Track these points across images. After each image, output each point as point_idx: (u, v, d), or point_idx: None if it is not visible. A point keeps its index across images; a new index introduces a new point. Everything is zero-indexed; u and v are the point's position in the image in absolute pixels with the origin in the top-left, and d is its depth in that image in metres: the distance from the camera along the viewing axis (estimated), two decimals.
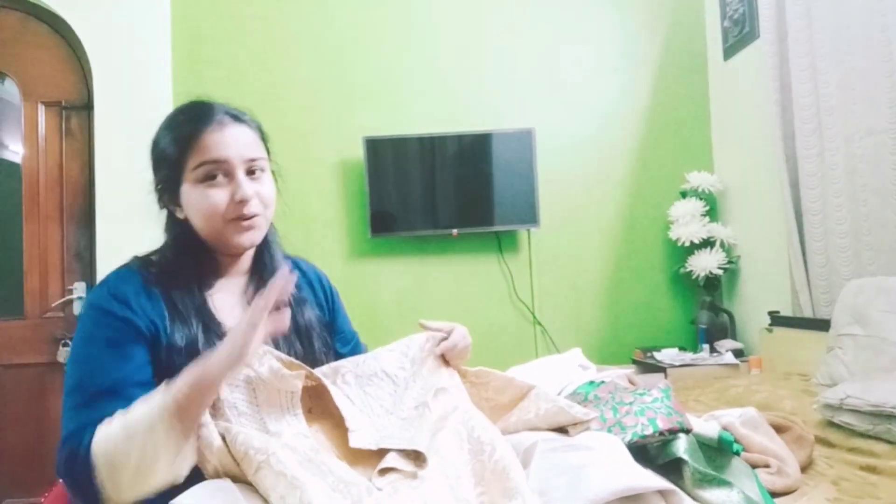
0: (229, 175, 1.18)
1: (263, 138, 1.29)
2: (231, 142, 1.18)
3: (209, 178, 1.17)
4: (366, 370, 1.24)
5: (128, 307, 1.12)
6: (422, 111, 3.67)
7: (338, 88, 3.65)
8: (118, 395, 1.03)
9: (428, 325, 1.35)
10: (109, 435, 0.97)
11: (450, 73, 3.72)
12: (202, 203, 1.17)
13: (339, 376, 1.21)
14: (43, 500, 1.34)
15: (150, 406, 0.97)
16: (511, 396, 1.33)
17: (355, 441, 1.07)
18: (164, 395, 0.97)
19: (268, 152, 1.29)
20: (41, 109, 3.34)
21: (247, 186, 1.18)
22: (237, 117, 1.23)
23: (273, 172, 1.32)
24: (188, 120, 1.20)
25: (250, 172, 1.21)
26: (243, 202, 1.17)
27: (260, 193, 1.21)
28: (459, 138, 3.58)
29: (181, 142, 1.18)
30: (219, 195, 1.17)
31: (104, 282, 1.19)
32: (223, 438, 1.00)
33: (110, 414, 0.99)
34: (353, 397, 1.18)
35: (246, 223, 1.19)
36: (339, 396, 1.16)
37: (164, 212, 1.26)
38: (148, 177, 1.26)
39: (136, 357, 1.10)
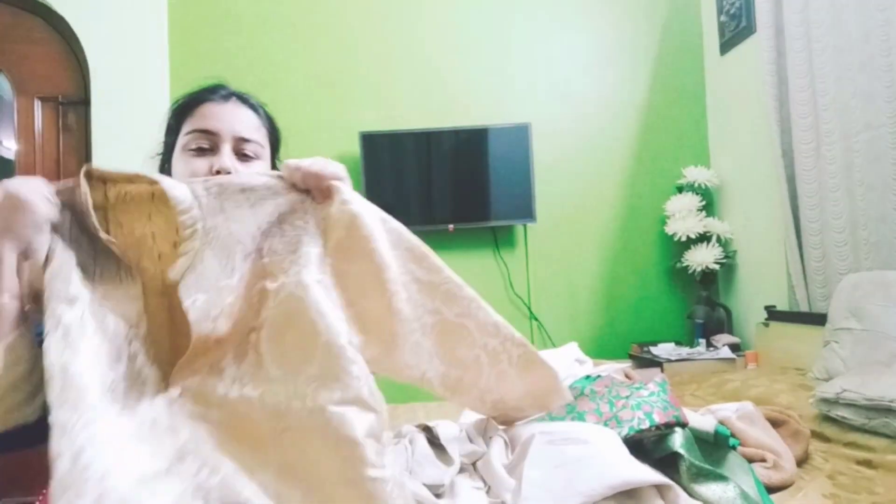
0: (216, 148, 1.17)
1: (275, 134, 1.29)
2: (227, 117, 1.18)
3: (197, 148, 1.16)
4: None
5: None
6: (418, 106, 3.67)
7: (334, 83, 3.64)
8: None
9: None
10: None
11: (446, 67, 3.71)
12: (183, 170, 1.16)
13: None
14: (38, 500, 1.33)
15: None
16: (460, 312, 1.14)
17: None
18: None
19: (276, 150, 1.30)
20: (37, 105, 3.33)
21: (227, 159, 1.15)
22: (245, 100, 1.24)
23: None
24: (197, 91, 1.23)
25: (242, 154, 1.19)
26: (219, 173, 1.14)
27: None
28: (455, 133, 3.58)
29: (181, 108, 1.21)
30: (199, 163, 1.15)
31: None
32: None
33: None
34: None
35: None
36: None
37: None
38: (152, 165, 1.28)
39: None
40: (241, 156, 1.19)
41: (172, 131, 1.22)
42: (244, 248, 1.00)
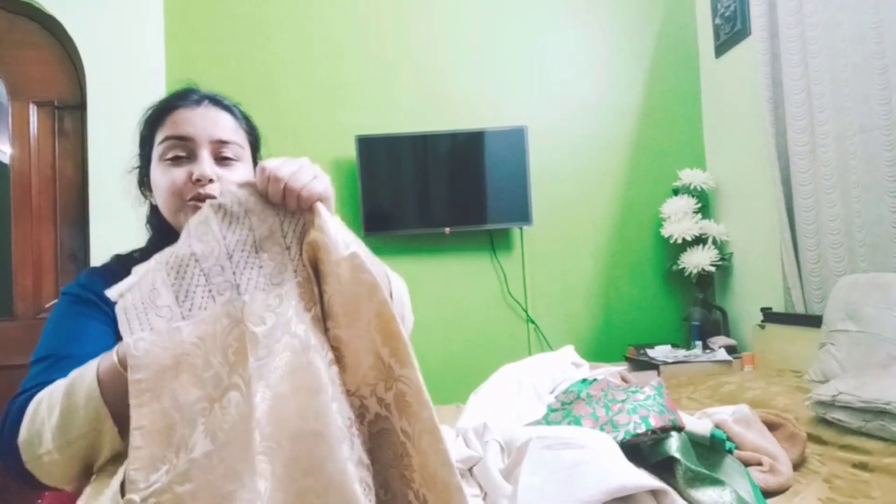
0: (193, 155, 1.11)
1: (254, 134, 1.24)
2: (200, 121, 1.13)
3: (173, 157, 1.11)
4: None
5: (94, 293, 1.09)
6: (414, 109, 3.67)
7: (330, 87, 3.64)
8: (75, 362, 0.94)
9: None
10: (45, 392, 0.89)
11: (442, 70, 3.71)
12: (161, 181, 1.11)
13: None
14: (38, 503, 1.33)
15: (91, 363, 0.89)
16: (408, 432, 0.85)
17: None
18: (106, 353, 0.89)
19: (257, 150, 1.24)
20: (33, 109, 3.32)
21: (206, 166, 1.10)
22: (219, 102, 1.18)
23: None
24: (167, 98, 1.18)
25: (221, 157, 1.13)
26: (199, 181, 1.08)
27: (224, 179, 1.11)
28: (452, 136, 3.58)
29: (153, 117, 1.16)
30: (177, 173, 1.10)
31: (77, 277, 1.18)
32: None
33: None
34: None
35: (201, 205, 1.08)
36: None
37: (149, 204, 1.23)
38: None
39: (98, 331, 1.04)
40: (221, 160, 1.13)
41: (146, 142, 1.17)
42: (210, 280, 0.86)
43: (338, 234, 0.87)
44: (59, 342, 1.03)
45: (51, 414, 0.86)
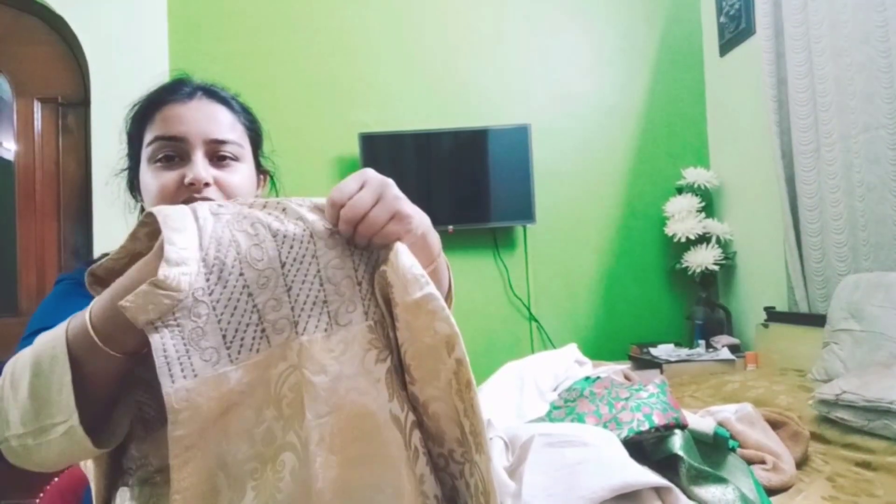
0: (186, 156, 1.00)
1: (254, 128, 1.13)
2: (193, 117, 1.00)
3: (164, 158, 1.00)
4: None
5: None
6: (417, 107, 3.67)
7: (334, 84, 3.64)
8: None
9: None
10: (10, 362, 0.74)
11: (445, 68, 3.71)
12: (151, 185, 1.00)
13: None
14: (37, 501, 1.33)
15: (59, 327, 0.73)
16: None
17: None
18: (80, 313, 0.73)
19: (258, 146, 1.15)
20: (37, 106, 3.33)
21: (201, 168, 0.98)
22: (214, 93, 1.06)
23: (269, 173, 1.19)
24: (155, 91, 1.06)
25: (217, 157, 1.02)
26: (193, 185, 0.96)
27: (221, 181, 1.00)
28: (455, 134, 3.58)
29: (140, 114, 1.05)
30: (168, 176, 0.98)
31: (75, 270, 1.10)
32: None
33: None
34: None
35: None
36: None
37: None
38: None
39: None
40: (218, 159, 1.02)
41: (134, 141, 1.06)
42: (264, 317, 0.70)
43: (411, 271, 0.69)
44: (58, 317, 0.83)
45: (15, 390, 0.71)
